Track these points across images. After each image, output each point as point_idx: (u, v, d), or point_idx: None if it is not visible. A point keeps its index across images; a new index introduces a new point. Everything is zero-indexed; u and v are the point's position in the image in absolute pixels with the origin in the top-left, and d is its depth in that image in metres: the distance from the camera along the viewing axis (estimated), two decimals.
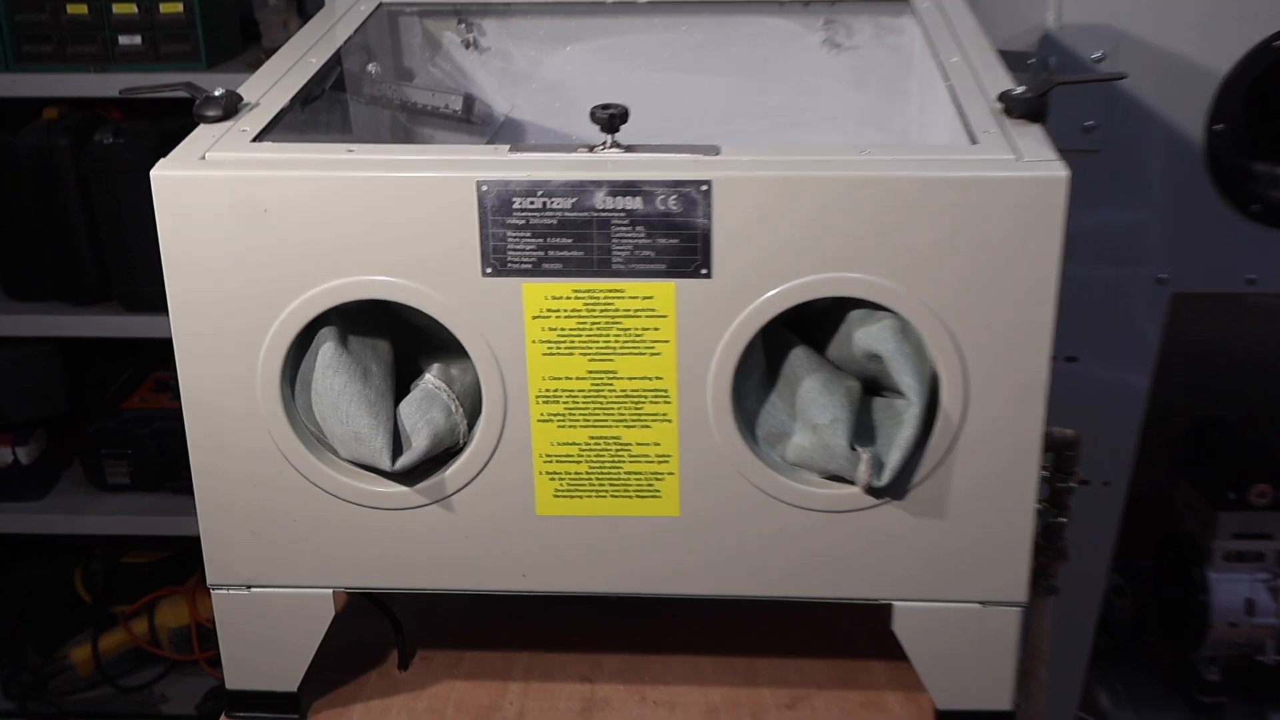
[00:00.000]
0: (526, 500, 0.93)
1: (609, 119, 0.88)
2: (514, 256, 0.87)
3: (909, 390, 0.88)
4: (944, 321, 0.87)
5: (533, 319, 0.89)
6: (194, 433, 0.93)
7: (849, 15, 1.24)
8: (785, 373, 0.93)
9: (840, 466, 0.89)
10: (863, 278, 0.87)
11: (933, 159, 0.86)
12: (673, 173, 0.85)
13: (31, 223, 1.83)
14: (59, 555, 2.13)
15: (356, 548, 0.95)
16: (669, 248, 0.86)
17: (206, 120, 0.93)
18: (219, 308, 0.89)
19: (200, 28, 1.76)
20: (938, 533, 0.92)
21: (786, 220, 0.86)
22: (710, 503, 0.92)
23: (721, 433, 0.90)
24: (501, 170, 0.86)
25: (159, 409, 1.97)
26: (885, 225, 0.85)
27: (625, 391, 0.90)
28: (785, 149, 0.88)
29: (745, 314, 0.88)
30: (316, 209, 0.87)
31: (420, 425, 0.91)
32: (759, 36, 1.25)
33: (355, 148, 0.89)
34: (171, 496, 1.97)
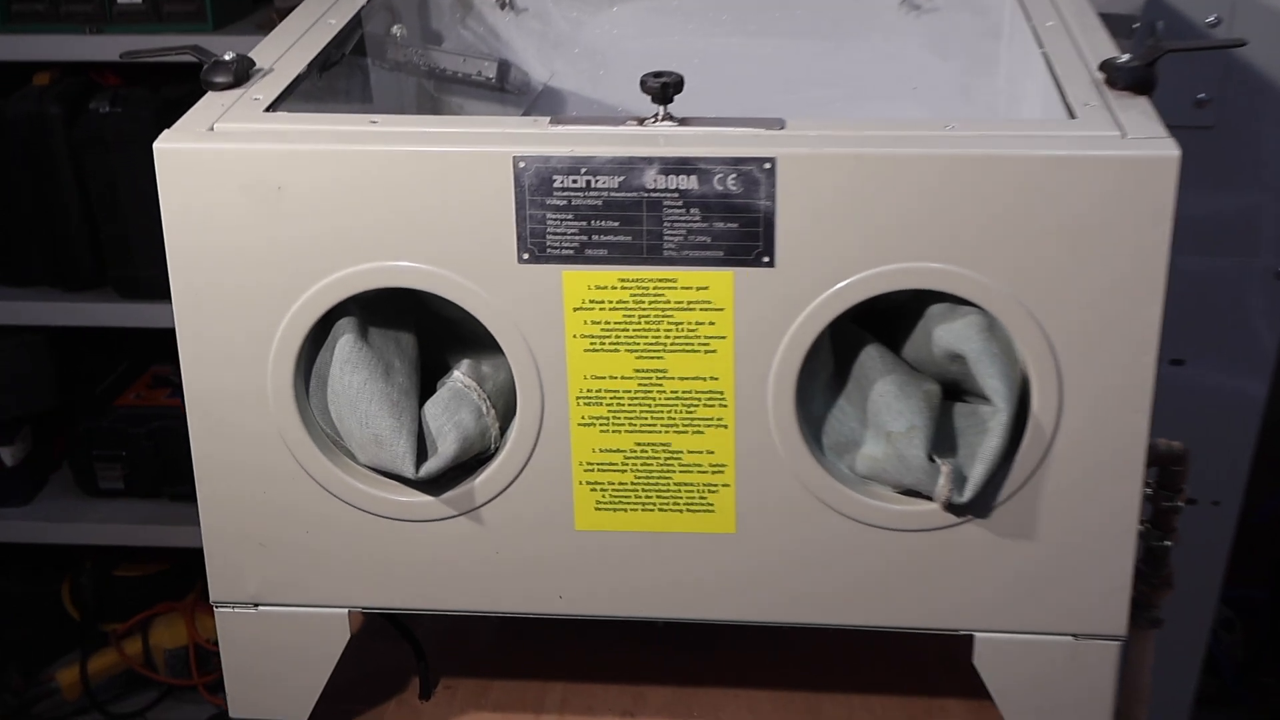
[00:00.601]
0: (564, 513, 0.93)
1: (661, 88, 0.88)
2: (554, 241, 0.88)
3: (995, 395, 0.87)
4: (1036, 318, 0.87)
5: (574, 311, 0.89)
6: (197, 433, 0.94)
7: None
8: (856, 374, 0.92)
9: (917, 480, 0.89)
10: (945, 268, 0.86)
11: (1025, 135, 0.86)
12: (732, 149, 0.85)
13: (18, 199, 1.86)
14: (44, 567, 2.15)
15: (375, 563, 0.95)
16: (727, 233, 0.86)
17: (215, 88, 0.94)
18: (227, 295, 0.90)
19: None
20: (1026, 556, 0.91)
21: (859, 203, 0.85)
22: (770, 518, 0.92)
23: (783, 440, 0.90)
24: (540, 145, 0.87)
25: (156, 407, 1.99)
26: (971, 209, 0.85)
27: (676, 393, 0.90)
28: (858, 123, 0.88)
29: (812, 307, 0.87)
30: (335, 187, 0.87)
31: (447, 428, 0.92)
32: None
33: (379, 119, 0.90)
34: (169, 504, 1.99)
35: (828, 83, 1.24)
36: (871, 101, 1.23)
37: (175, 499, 1.98)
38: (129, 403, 2.01)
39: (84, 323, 1.91)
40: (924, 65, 1.24)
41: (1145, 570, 1.10)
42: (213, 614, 0.99)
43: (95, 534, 1.99)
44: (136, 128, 1.79)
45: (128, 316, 1.89)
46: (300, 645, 0.98)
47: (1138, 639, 1.12)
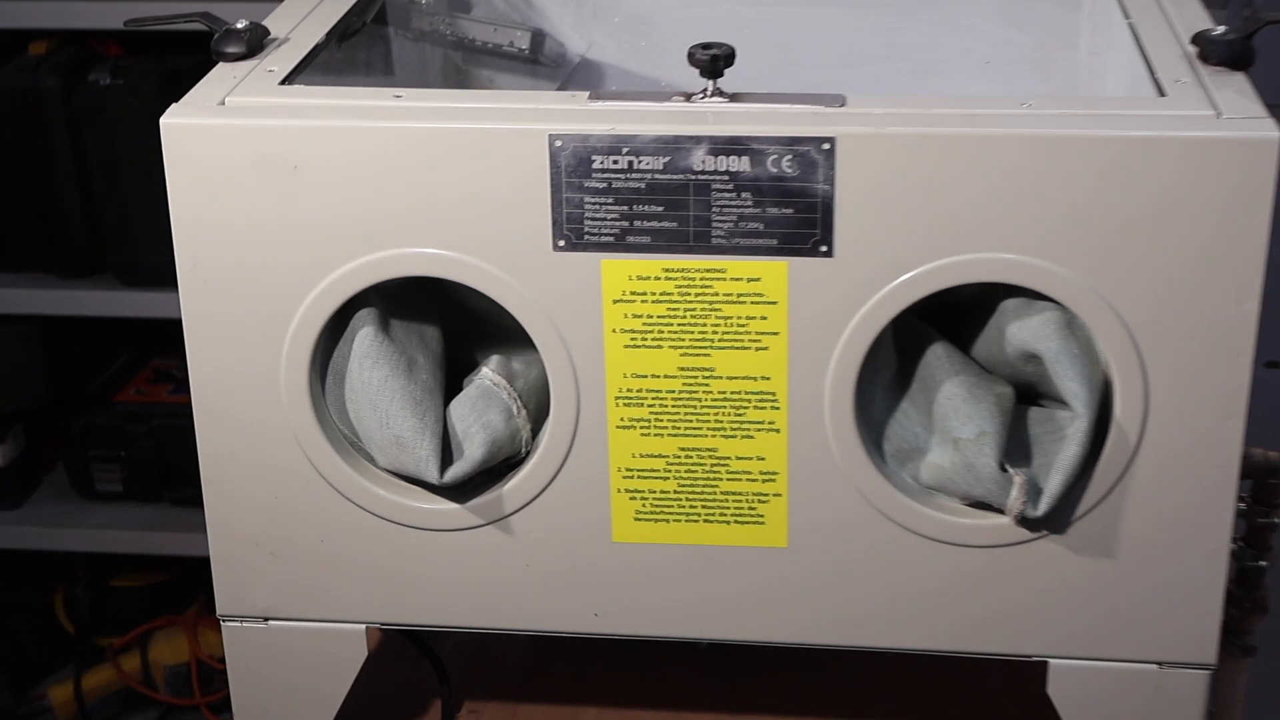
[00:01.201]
0: (601, 523, 0.94)
1: (711, 61, 0.88)
2: (592, 227, 0.88)
3: (1075, 399, 0.87)
4: (1120, 315, 0.86)
5: (613, 303, 0.89)
6: (204, 433, 0.95)
7: None
8: (921, 375, 0.92)
9: (987, 491, 0.89)
10: (1020, 259, 0.86)
11: (1109, 114, 0.86)
12: (788, 127, 0.85)
13: (11, 178, 1.88)
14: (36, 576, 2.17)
15: (395, 576, 0.96)
16: (781, 219, 0.86)
17: (226, 58, 0.95)
18: (238, 283, 0.90)
19: None
20: (1106, 575, 0.91)
21: (926, 187, 0.85)
22: (825, 532, 0.92)
23: (841, 446, 0.90)
24: (579, 122, 0.87)
25: (158, 403, 2.00)
26: (1049, 195, 0.85)
27: (724, 394, 0.90)
28: (925, 100, 0.88)
29: (873, 302, 0.87)
30: (356, 166, 0.88)
31: (475, 429, 0.92)
32: None
33: (403, 93, 0.90)
34: (171, 509, 2.00)
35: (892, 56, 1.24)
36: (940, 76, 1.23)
37: (177, 504, 2.00)
38: (128, 399, 2.03)
39: (80, 312, 1.93)
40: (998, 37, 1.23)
41: (1237, 593, 1.09)
42: (217, 628, 0.99)
43: (91, 541, 2.01)
44: (139, 101, 1.81)
45: (128, 305, 1.90)
46: (313, 664, 0.99)
47: (1228, 668, 1.11)
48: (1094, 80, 1.15)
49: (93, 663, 2.11)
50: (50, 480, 2.09)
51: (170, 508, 2.00)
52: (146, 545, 2.00)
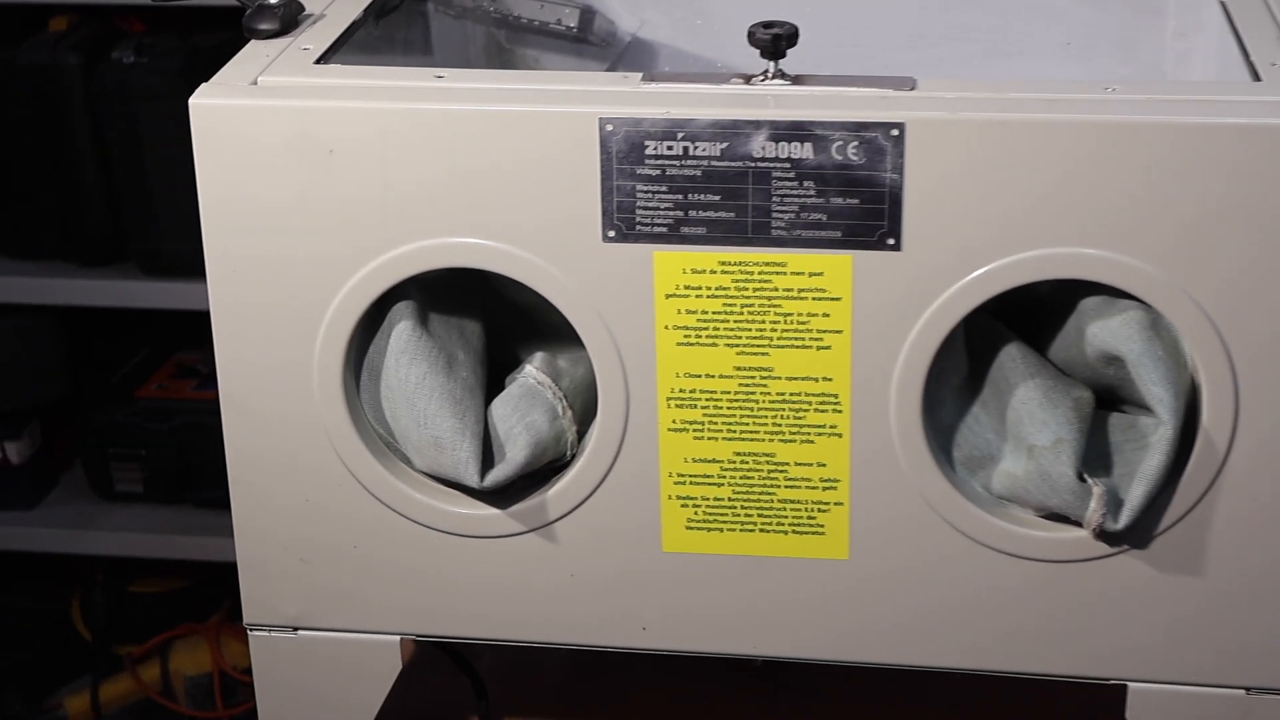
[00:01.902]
0: (650, 532, 0.94)
1: (773, 41, 0.88)
2: (644, 217, 0.88)
3: (1159, 405, 0.87)
4: (1209, 316, 0.86)
5: (666, 298, 0.89)
6: (232, 432, 0.95)
7: None
8: (994, 377, 0.92)
9: (1064, 502, 0.88)
10: (1101, 254, 0.85)
11: (1200, 100, 0.85)
12: (854, 112, 0.85)
13: (30, 160, 1.89)
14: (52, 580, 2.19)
15: (432, 585, 0.96)
16: (846, 210, 0.86)
17: (259, 35, 0.96)
18: (269, 273, 0.91)
19: None
20: (1191, 594, 0.91)
21: (1001, 177, 0.85)
22: (889, 543, 0.92)
23: (907, 453, 0.90)
24: (631, 105, 0.87)
25: (181, 400, 2.02)
26: (1133, 186, 0.84)
27: (783, 395, 0.90)
28: (1000, 83, 0.88)
29: (943, 299, 0.87)
30: (394, 150, 0.88)
31: (517, 431, 0.92)
32: None
33: (444, 73, 0.91)
34: (194, 511, 2.02)
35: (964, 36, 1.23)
36: (1015, 58, 1.22)
37: (200, 505, 2.01)
38: (150, 394, 2.04)
39: (100, 302, 1.94)
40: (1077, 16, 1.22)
41: None
42: (240, 637, 1.00)
43: (110, 544, 2.03)
44: (163, 80, 1.82)
45: (150, 296, 1.92)
46: (345, 676, 0.99)
47: None
48: (1181, 63, 1.14)
49: (110, 672, 2.13)
50: (67, 479, 2.11)
51: (193, 510, 2.02)
52: (167, 549, 2.01)
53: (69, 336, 2.05)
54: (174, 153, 1.81)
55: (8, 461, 2.03)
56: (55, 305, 1.98)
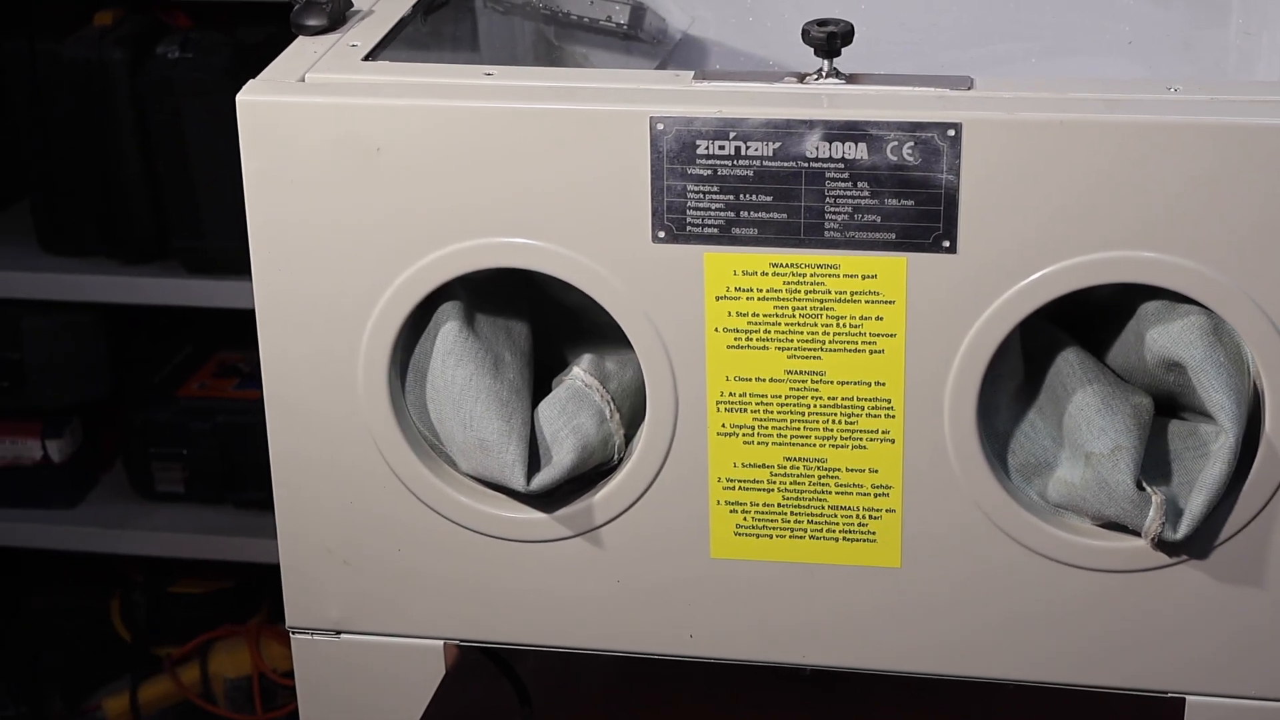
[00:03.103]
0: (699, 537, 0.94)
1: (827, 39, 0.88)
2: (695, 218, 0.88)
3: (1221, 413, 0.86)
4: (1272, 320, 0.85)
5: (716, 300, 0.89)
6: (277, 432, 0.96)
7: None
8: (1050, 383, 0.92)
9: (1122, 511, 0.88)
10: (1162, 258, 0.85)
11: (1264, 100, 0.85)
12: (909, 112, 0.85)
13: (73, 156, 1.91)
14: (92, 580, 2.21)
15: (476, 589, 0.97)
16: (901, 211, 0.86)
17: (307, 31, 0.96)
18: (315, 272, 0.92)
19: None
20: (1251, 605, 0.90)
21: (1060, 179, 0.85)
22: (943, 552, 0.92)
23: (961, 459, 0.90)
24: (683, 104, 0.87)
25: (223, 399, 2.03)
26: (1196, 189, 0.84)
27: (835, 399, 0.90)
28: (1060, 83, 0.88)
29: (1000, 302, 0.87)
30: (443, 149, 0.89)
31: (564, 434, 0.93)
32: None
33: (494, 70, 0.91)
34: (235, 511, 2.03)
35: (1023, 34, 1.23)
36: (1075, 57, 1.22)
37: (241, 506, 2.02)
38: (192, 393, 2.05)
39: (143, 300, 1.96)
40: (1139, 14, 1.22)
41: None
42: (281, 639, 1.01)
43: (150, 544, 2.04)
44: (209, 76, 1.83)
45: (193, 294, 1.93)
46: (387, 681, 1.00)
47: None
48: (1246, 62, 1.14)
49: (149, 673, 2.15)
50: (108, 479, 2.12)
51: (234, 510, 2.03)
52: (208, 550, 2.03)
53: (111, 334, 2.06)
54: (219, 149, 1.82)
55: (49, 460, 2.05)
56: (98, 303, 1.99)
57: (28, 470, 2.05)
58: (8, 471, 2.05)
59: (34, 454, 2.05)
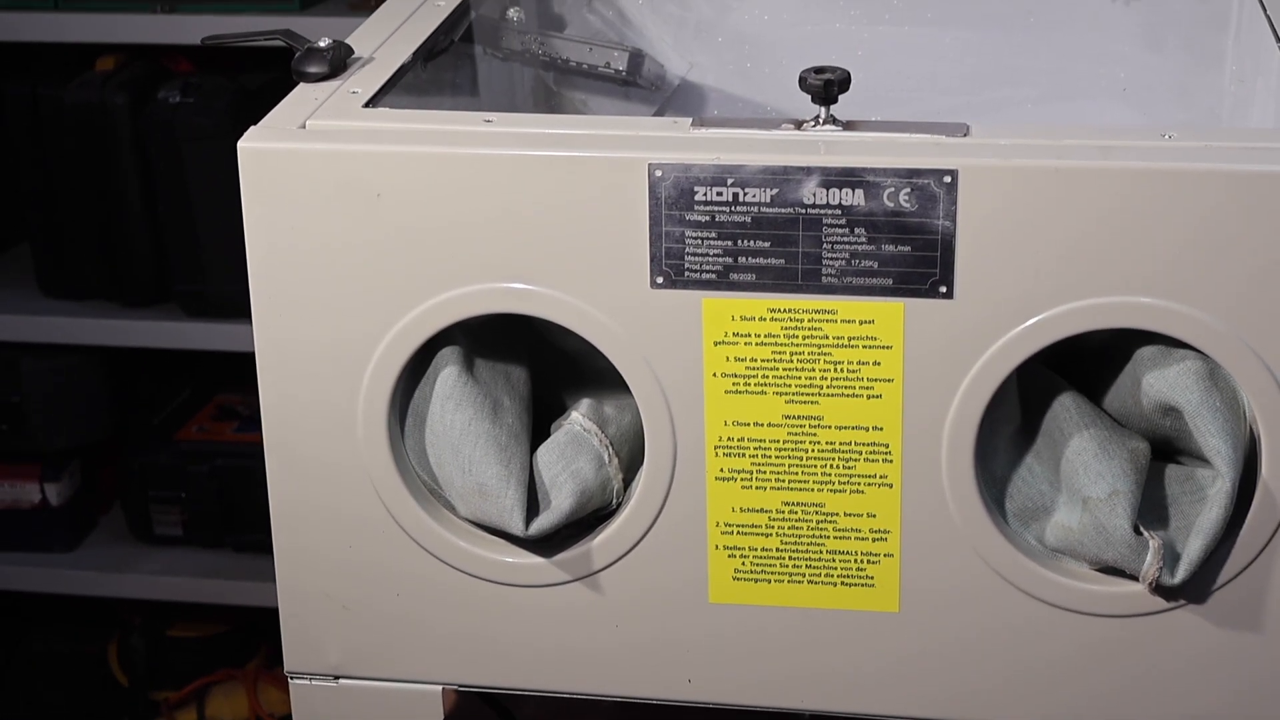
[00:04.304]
0: (697, 582, 0.94)
1: (824, 86, 0.89)
2: (693, 263, 0.88)
3: (1217, 457, 0.86)
4: (1268, 365, 0.85)
5: (714, 345, 0.90)
6: (276, 475, 0.96)
7: None
8: (1047, 427, 0.92)
9: (1119, 555, 0.88)
10: (1157, 303, 0.85)
11: (1258, 147, 0.85)
12: (906, 158, 0.86)
13: (75, 200, 1.92)
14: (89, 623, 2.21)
15: (475, 634, 0.97)
16: (898, 257, 0.87)
17: (308, 79, 0.97)
18: (315, 317, 0.92)
19: None
20: (1250, 650, 0.90)
21: (1056, 224, 0.85)
22: (941, 597, 0.92)
23: (959, 504, 0.90)
24: (680, 150, 0.87)
25: (222, 442, 2.03)
26: (1190, 235, 0.84)
27: (833, 444, 0.91)
28: (1055, 129, 0.88)
29: (996, 347, 0.87)
30: (443, 195, 0.89)
31: (563, 478, 0.93)
32: None
33: (493, 117, 0.92)
34: (233, 555, 2.03)
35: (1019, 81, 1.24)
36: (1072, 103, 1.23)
37: (240, 549, 2.02)
38: (190, 436, 2.06)
39: (143, 343, 1.96)
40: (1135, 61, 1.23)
41: None
42: (279, 684, 1.01)
43: (148, 587, 2.04)
44: (210, 121, 1.84)
45: (193, 337, 1.94)
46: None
47: None
48: (1240, 109, 1.14)
49: (147, 717, 2.14)
50: (107, 521, 2.12)
51: (232, 554, 2.03)
52: (206, 593, 2.03)
53: (111, 377, 2.06)
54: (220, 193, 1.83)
55: (47, 503, 2.05)
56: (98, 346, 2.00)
57: (26, 513, 2.06)
58: (6, 514, 2.06)
59: (32, 497, 2.05)
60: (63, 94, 1.89)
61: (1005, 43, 1.24)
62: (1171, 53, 1.22)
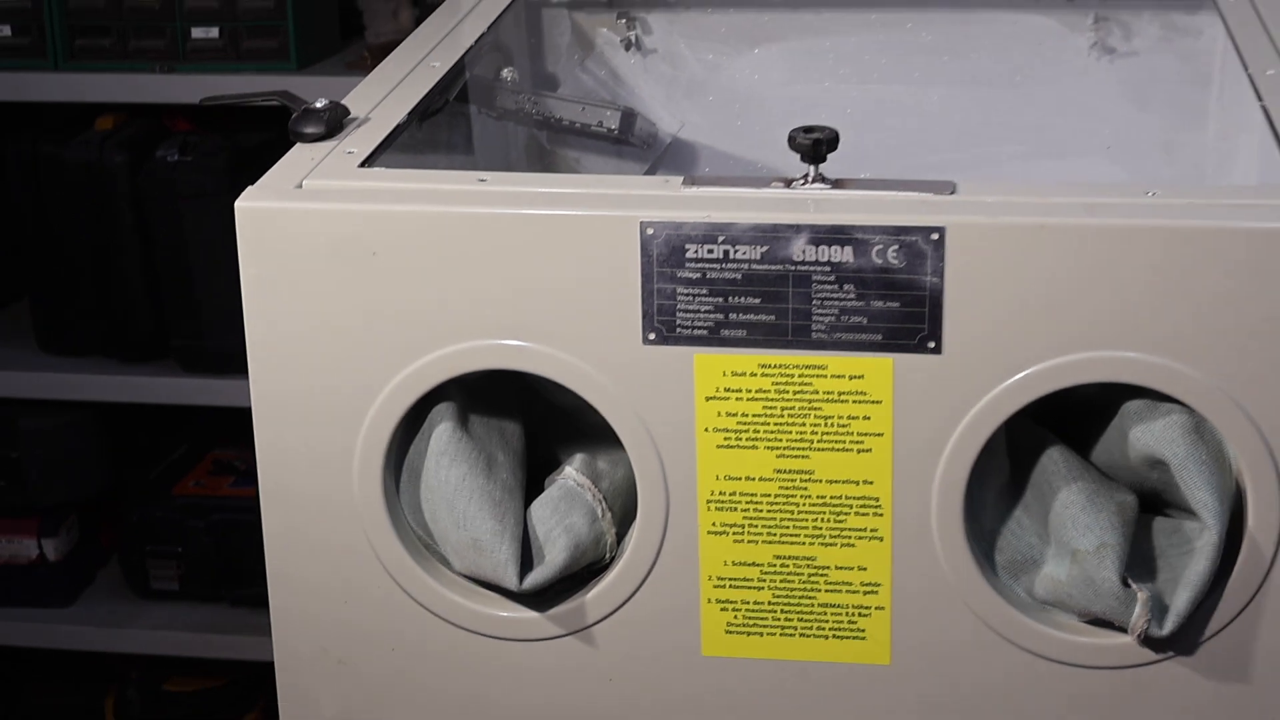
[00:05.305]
0: (690, 636, 0.94)
1: (813, 145, 0.89)
2: (685, 320, 0.89)
3: (1204, 510, 0.87)
4: (1253, 419, 0.86)
5: (706, 400, 0.90)
6: (272, 530, 0.96)
7: (1127, 12, 1.24)
8: (1036, 481, 0.92)
9: (1108, 607, 0.88)
10: (1143, 358, 0.86)
11: (1241, 204, 0.86)
12: (894, 216, 0.86)
13: (75, 256, 1.92)
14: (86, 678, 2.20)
15: (470, 687, 0.97)
16: (887, 313, 0.87)
17: (304, 139, 0.98)
18: (311, 374, 0.92)
19: (292, 18, 1.83)
20: (1239, 701, 0.90)
21: (1043, 281, 0.86)
22: (932, 649, 0.92)
23: (949, 557, 0.90)
24: (672, 209, 0.88)
25: (218, 496, 2.03)
26: (1175, 290, 0.85)
27: (824, 498, 0.91)
28: (1041, 186, 0.89)
29: (985, 402, 0.88)
30: (437, 253, 0.90)
31: (557, 533, 0.93)
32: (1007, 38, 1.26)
33: (487, 176, 0.92)
34: (229, 609, 2.02)
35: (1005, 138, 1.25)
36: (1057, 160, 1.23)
37: (236, 604, 2.02)
38: (187, 491, 2.05)
39: (140, 399, 1.96)
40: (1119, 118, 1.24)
41: None
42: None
43: (145, 642, 2.03)
44: (208, 178, 1.85)
45: (191, 393, 1.94)
46: None
47: None
48: (1223, 165, 1.15)
49: None
50: (104, 576, 2.12)
51: (228, 608, 2.02)
52: (203, 648, 2.02)
53: (108, 432, 2.06)
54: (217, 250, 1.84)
55: (45, 558, 2.05)
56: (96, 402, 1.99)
57: (24, 569, 2.05)
58: (4, 569, 2.05)
59: (30, 552, 2.04)
60: (63, 152, 1.90)
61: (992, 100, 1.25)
62: (1156, 110, 1.23)
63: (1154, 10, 1.24)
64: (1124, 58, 1.24)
